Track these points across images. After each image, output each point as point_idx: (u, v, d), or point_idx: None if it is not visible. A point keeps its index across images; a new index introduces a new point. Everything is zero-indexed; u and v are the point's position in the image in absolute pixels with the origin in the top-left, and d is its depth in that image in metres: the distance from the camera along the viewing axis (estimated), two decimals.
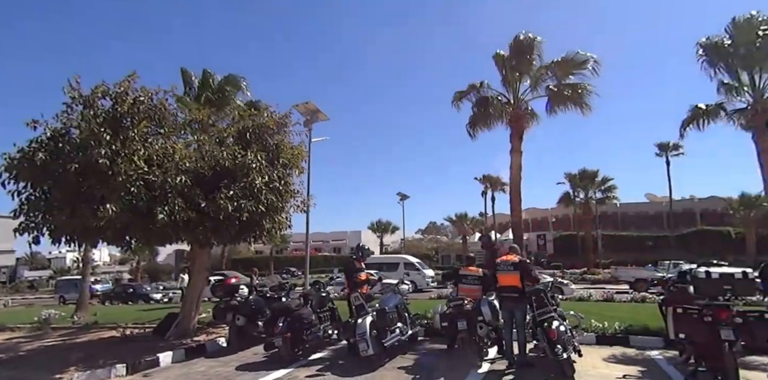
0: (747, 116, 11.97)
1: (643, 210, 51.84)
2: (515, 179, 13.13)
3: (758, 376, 5.56)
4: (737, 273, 4.68)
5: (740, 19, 11.81)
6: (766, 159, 11.21)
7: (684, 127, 13.12)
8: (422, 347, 7.61)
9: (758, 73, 11.80)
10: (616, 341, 7.57)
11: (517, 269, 6.23)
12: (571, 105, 12.82)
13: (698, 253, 33.58)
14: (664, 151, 39.90)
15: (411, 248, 49.68)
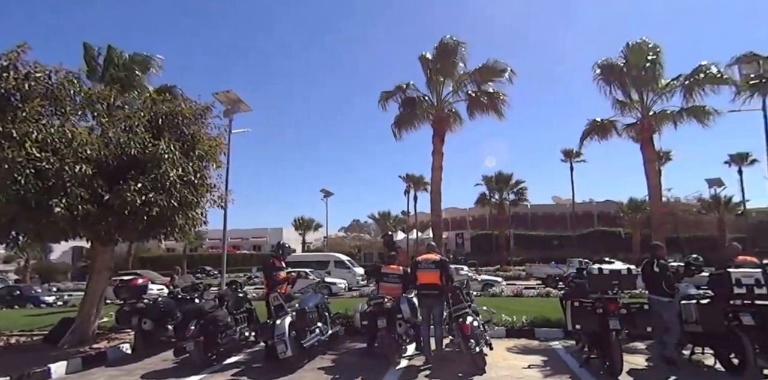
0: (636, 130, 13.58)
1: (550, 212, 56.21)
2: (436, 179, 13.58)
3: (638, 359, 6.29)
4: (623, 269, 5.26)
5: (633, 45, 13.33)
6: (650, 168, 12.86)
7: (583, 139, 14.65)
8: (343, 346, 7.60)
9: (646, 92, 13.42)
10: (523, 333, 8.15)
11: (438, 267, 6.46)
12: (487, 111, 13.49)
13: (596, 251, 37.17)
14: (569, 157, 43.75)
15: (334, 246, 49.55)
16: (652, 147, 13.09)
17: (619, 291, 5.35)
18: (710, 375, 5.57)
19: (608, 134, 14.20)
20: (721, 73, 12.65)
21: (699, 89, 12.65)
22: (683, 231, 38.98)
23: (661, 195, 13.63)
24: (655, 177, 12.92)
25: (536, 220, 55.15)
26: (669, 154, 47.10)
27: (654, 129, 13.30)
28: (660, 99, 13.57)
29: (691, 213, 40.35)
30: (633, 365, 5.96)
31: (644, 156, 13.09)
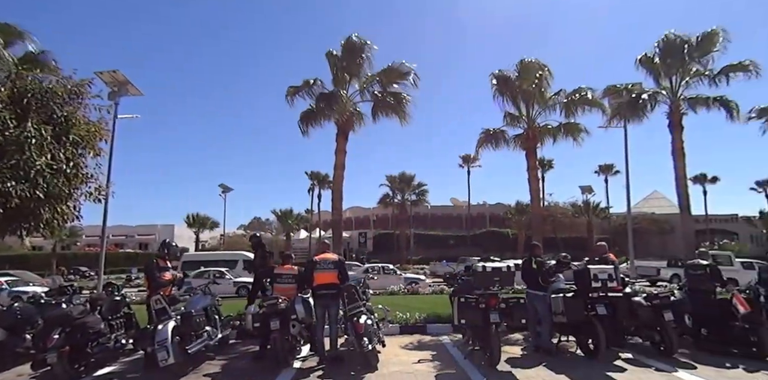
0: (522, 140, 14.95)
1: (448, 212, 59.40)
2: (338, 178, 13.58)
3: (515, 349, 6.91)
4: (504, 267, 5.75)
5: (526, 61, 14.67)
6: (532, 175, 14.25)
7: (479, 146, 15.80)
8: (234, 350, 7.28)
9: (532, 106, 14.86)
10: (416, 330, 8.50)
11: (337, 267, 6.47)
12: (392, 112, 13.82)
13: (487, 250, 40.08)
14: (466, 162, 46.83)
15: (232, 245, 47.20)
16: (534, 156, 14.55)
17: (500, 287, 5.82)
18: (573, 359, 6.30)
19: (500, 143, 15.44)
20: (594, 98, 14.55)
21: (575, 108, 14.38)
22: (560, 232, 43.67)
23: (540, 199, 15.16)
24: (536, 183, 14.36)
25: (435, 220, 57.87)
26: (551, 163, 52.61)
27: (537, 140, 14.76)
28: (544, 113, 15.05)
29: (567, 216, 45.31)
30: (510, 354, 6.53)
31: (528, 164, 14.47)
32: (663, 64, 15.81)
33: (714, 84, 15.24)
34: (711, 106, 15.33)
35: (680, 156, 15.23)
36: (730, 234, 48.62)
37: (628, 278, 8.46)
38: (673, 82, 15.89)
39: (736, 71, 15.08)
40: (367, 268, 21.83)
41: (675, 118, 15.44)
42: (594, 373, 5.48)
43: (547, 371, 5.65)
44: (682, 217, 16.17)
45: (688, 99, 15.59)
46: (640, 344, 6.88)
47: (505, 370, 5.67)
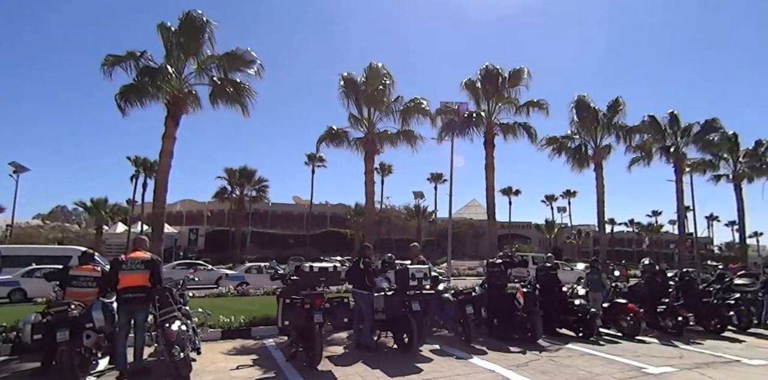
0: (362, 143, 15.60)
1: (289, 211, 58.62)
2: (164, 166, 12.16)
3: (337, 348, 7.09)
4: (330, 267, 5.86)
5: (374, 66, 15.40)
6: (368, 178, 14.98)
7: (319, 143, 15.97)
8: (6, 368, 5.93)
9: (374, 111, 15.65)
10: (241, 334, 8.05)
11: (148, 268, 5.74)
12: (232, 102, 12.93)
13: (326, 251, 40.68)
14: (311, 160, 47.00)
15: (24, 237, 38.62)
16: (372, 160, 15.34)
17: (325, 287, 5.90)
18: (390, 353, 6.72)
19: (342, 143, 15.85)
20: (427, 109, 15.96)
21: (410, 117, 15.64)
22: (394, 234, 46.88)
23: (374, 202, 16.04)
24: (372, 186, 15.12)
25: (276, 219, 56.56)
26: (391, 168, 56.22)
27: (376, 144, 15.55)
28: (385, 118, 15.90)
29: (400, 219, 48.91)
30: (333, 353, 6.67)
31: (365, 167, 15.19)
32: (483, 89, 18.27)
33: (519, 113, 18.37)
34: (517, 130, 18.30)
35: (491, 170, 17.73)
36: (526, 239, 58.61)
37: (442, 276, 9.45)
38: (489, 106, 18.43)
39: (534, 106, 18.31)
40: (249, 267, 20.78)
41: (489, 137, 17.91)
42: (405, 365, 5.93)
43: (364, 367, 5.91)
44: (489, 223, 18.83)
45: (500, 123, 18.36)
46: (446, 335, 7.75)
47: (326, 369, 5.75)
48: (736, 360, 7.02)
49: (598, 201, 20.73)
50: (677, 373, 6.03)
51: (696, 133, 23.65)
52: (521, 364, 6.15)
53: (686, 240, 24.10)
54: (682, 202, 23.76)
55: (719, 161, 26.28)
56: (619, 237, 65.38)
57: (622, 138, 21.28)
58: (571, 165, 21.33)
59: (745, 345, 8.40)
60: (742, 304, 9.81)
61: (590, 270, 10.10)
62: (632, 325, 8.53)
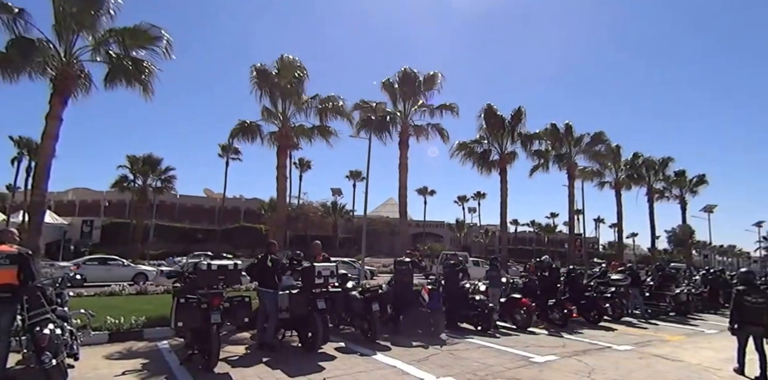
0: (275, 137, 15.15)
1: (199, 204, 55.36)
2: (46, 149, 10.68)
3: (239, 349, 6.82)
4: (230, 265, 5.59)
5: (286, 59, 14.92)
6: (281, 173, 14.57)
7: (232, 137, 15.23)
8: None
9: (289, 104, 15.20)
10: (131, 336, 7.40)
11: (16, 263, 5.04)
12: (133, 82, 11.72)
13: (238, 247, 39.02)
14: (226, 152, 44.84)
15: None
16: (286, 154, 14.91)
17: (225, 286, 5.62)
18: (294, 352, 6.59)
19: (255, 136, 15.23)
20: (344, 108, 15.94)
21: (327, 114, 15.46)
22: (311, 230, 46.28)
23: (286, 197, 15.63)
24: (284, 181, 14.70)
25: (184, 212, 53.12)
26: (310, 164, 55.47)
27: (290, 138, 15.16)
28: (300, 113, 15.50)
29: (317, 216, 48.42)
30: (233, 354, 6.39)
31: (278, 161, 14.73)
32: (401, 91, 18.69)
33: (432, 116, 19.10)
34: (430, 132, 18.99)
35: (404, 170, 18.19)
36: (439, 237, 61.03)
37: (351, 274, 9.52)
38: (405, 108, 18.90)
39: (446, 109, 19.14)
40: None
41: (404, 138, 18.38)
42: (307, 364, 5.84)
43: (265, 367, 5.73)
44: (401, 221, 19.35)
45: (414, 124, 18.92)
46: (352, 333, 7.80)
47: (222, 372, 5.48)
48: (607, 347, 7.90)
49: (502, 204, 22.19)
50: (559, 361, 6.63)
51: (586, 143, 26.22)
52: (422, 359, 6.37)
53: (576, 240, 26.68)
54: (573, 205, 26.25)
55: (605, 170, 29.40)
56: (521, 237, 70.61)
57: (524, 145, 23.00)
58: (478, 169, 22.62)
59: (617, 333, 9.49)
60: (616, 297, 11.07)
61: (490, 267, 10.75)
62: (525, 318, 9.23)
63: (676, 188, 34.11)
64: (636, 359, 7.06)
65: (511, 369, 6.01)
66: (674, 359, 7.18)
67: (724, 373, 6.37)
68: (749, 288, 6.51)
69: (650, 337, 9.23)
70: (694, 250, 54.04)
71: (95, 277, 17.37)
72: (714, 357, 7.47)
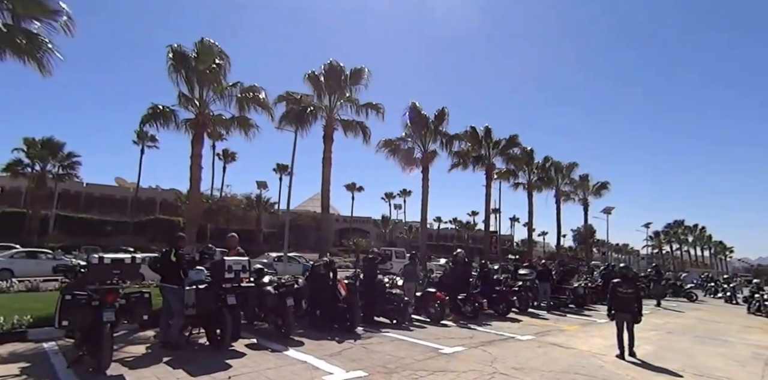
0: (191, 124, 14.29)
1: (109, 194, 51.01)
2: None
3: (139, 348, 6.36)
4: (127, 258, 5.19)
5: (206, 42, 14.03)
6: (195, 162, 13.76)
7: (143, 123, 14.09)
8: None
9: (207, 91, 14.35)
10: (15, 337, 6.67)
11: None
12: (25, 56, 10.27)
13: (153, 240, 36.51)
14: (141, 139, 41.72)
15: None
16: (201, 143, 14.01)
17: (119, 281, 5.21)
18: (199, 351, 6.28)
19: (169, 123, 14.21)
20: (265, 100, 15.31)
21: (247, 104, 14.83)
22: (234, 224, 44.46)
23: (199, 188, 14.73)
24: (198, 171, 13.83)
25: (92, 202, 48.67)
26: (234, 155, 53.34)
27: (207, 127, 14.35)
28: (220, 101, 14.70)
29: (240, 209, 46.58)
30: (131, 355, 5.96)
31: (192, 150, 13.88)
32: (326, 84, 18.46)
33: (359, 113, 19.14)
34: (355, 128, 18.97)
35: (328, 164, 18.08)
36: (365, 233, 61.44)
37: (269, 269, 9.28)
38: (331, 101, 18.70)
39: (371, 108, 19.21)
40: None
41: (328, 132, 18.25)
42: (213, 362, 5.60)
43: (165, 367, 5.40)
44: (323, 216, 19.24)
45: (340, 119, 18.87)
46: (266, 329, 7.62)
47: (116, 374, 5.07)
48: (511, 337, 8.43)
49: (423, 201, 22.87)
50: (466, 351, 6.96)
51: (503, 146, 27.77)
52: (335, 353, 6.37)
53: (492, 237, 28.18)
54: (489, 205, 27.72)
55: (519, 171, 31.34)
56: (444, 234, 73.25)
57: (445, 145, 23.83)
58: (402, 166, 23.11)
59: (522, 324, 10.17)
60: (523, 290, 11.85)
61: (408, 262, 11.02)
62: (438, 311, 9.59)
63: (580, 191, 37.26)
64: (535, 348, 7.60)
65: (420, 360, 6.20)
66: (568, 347, 7.83)
67: (608, 358, 7.07)
68: (623, 281, 7.47)
69: (550, 327, 10.00)
70: (594, 248, 59.43)
71: (24, 272, 15.79)
72: (602, 344, 8.26)
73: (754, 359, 7.95)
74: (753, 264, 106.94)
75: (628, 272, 8.10)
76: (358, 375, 5.34)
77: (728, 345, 9.38)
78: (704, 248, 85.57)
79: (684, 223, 75.17)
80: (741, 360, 7.74)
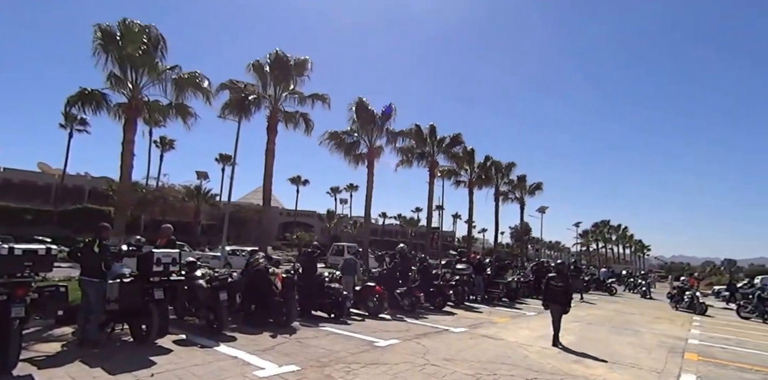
0: (123, 109, 13.34)
1: (31, 180, 46.76)
2: None
3: (54, 346, 5.86)
4: (41, 249, 4.80)
5: (130, 22, 13.07)
6: (128, 148, 12.90)
7: (69, 105, 12.98)
8: None
9: (141, 74, 13.39)
10: None
11: None
12: None
13: (80, 231, 33.89)
14: (69, 123, 38.71)
15: None
16: (134, 129, 13.07)
17: (32, 274, 4.80)
18: (123, 348, 5.93)
19: (100, 106, 13.15)
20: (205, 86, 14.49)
21: (186, 90, 14.01)
22: (171, 215, 42.34)
23: (130, 176, 13.76)
24: (129, 157, 12.87)
25: (10, 189, 44.46)
26: (173, 143, 50.72)
27: (140, 112, 13.42)
28: (156, 86, 13.78)
29: (178, 200, 44.47)
30: (43, 353, 5.51)
31: (124, 136, 13.01)
32: (272, 74, 17.84)
33: (303, 103, 18.69)
34: (298, 120, 18.56)
35: (271, 155, 17.53)
36: (309, 227, 60.76)
37: (201, 261, 8.97)
38: (276, 92, 18.11)
39: (317, 99, 18.75)
40: None
41: (272, 123, 17.64)
42: (136, 359, 5.31)
43: (81, 366, 5.05)
44: (264, 209, 18.68)
45: (284, 110, 18.36)
46: (197, 324, 7.35)
47: (24, 374, 4.68)
48: (445, 330, 8.70)
49: (367, 196, 22.95)
50: (400, 344, 7.09)
51: (446, 144, 28.39)
52: (268, 348, 6.27)
53: (433, 234, 28.81)
54: (432, 201, 28.34)
55: (460, 170, 32.21)
56: (389, 229, 73.96)
57: (390, 141, 24.03)
58: (347, 160, 23.01)
59: (456, 317, 10.51)
60: (460, 285, 12.25)
61: (349, 256, 11.04)
62: (377, 305, 9.70)
63: (518, 191, 38.98)
64: (467, 339, 7.90)
65: (354, 353, 6.25)
66: (497, 338, 8.20)
67: (534, 348, 7.49)
68: (557, 276, 8.09)
69: (483, 320, 10.42)
70: (529, 245, 62.51)
71: None
72: (529, 335, 8.73)
73: (659, 347, 8.73)
74: (667, 262, 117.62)
75: (563, 268, 8.89)
76: (291, 370, 5.29)
77: (639, 334, 10.23)
78: (626, 246, 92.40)
79: (609, 223, 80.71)
80: (648, 348, 8.48)
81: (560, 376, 5.86)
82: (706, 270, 71.97)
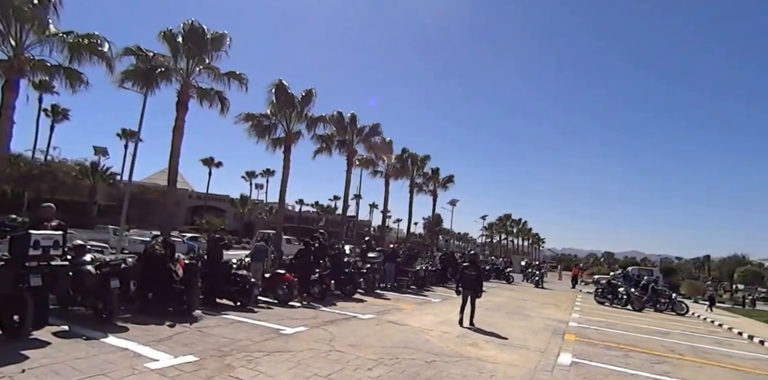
0: (5, 68, 11.60)
1: None
2: None
3: None
4: None
5: None
6: (5, 114, 11.24)
7: None
8: None
9: (26, 31, 11.77)
10: None
11: None
12: None
13: None
14: None
15: None
16: (14, 91, 11.28)
17: None
18: None
19: None
20: (104, 52, 13.03)
21: (81, 54, 12.49)
22: (61, 193, 37.96)
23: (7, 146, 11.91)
24: (8, 125, 11.11)
25: None
26: (67, 113, 45.36)
27: (23, 72, 11.72)
28: (45, 46, 12.13)
29: (71, 177, 40.03)
30: None
31: (3, 99, 11.36)
32: (185, 46, 16.55)
33: (219, 81, 17.58)
34: (212, 97, 17.42)
35: (179, 133, 16.35)
36: (221, 211, 58.01)
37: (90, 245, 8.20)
38: (189, 66, 16.83)
39: (234, 78, 17.74)
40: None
41: (183, 98, 16.43)
42: (4, 354, 4.73)
43: None
44: (169, 190, 17.39)
45: (198, 86, 17.18)
46: (84, 314, 6.73)
47: None
48: (353, 316, 8.85)
49: (283, 181, 22.53)
50: (307, 331, 7.09)
51: (366, 133, 28.64)
52: (164, 338, 5.91)
53: (349, 222, 29.04)
54: (349, 190, 28.55)
55: (378, 160, 32.75)
56: (306, 216, 73.10)
57: (309, 127, 23.68)
58: (265, 144, 22.32)
59: (365, 304, 10.73)
60: (370, 272, 12.51)
61: (258, 242, 10.76)
62: (287, 293, 9.58)
63: (431, 183, 40.53)
64: (373, 325, 8.11)
65: (258, 342, 6.13)
66: (402, 324, 8.53)
67: (435, 332, 7.91)
68: (470, 265, 9.03)
69: (390, 306, 10.76)
70: (440, 235, 65.44)
71: None
72: (432, 320, 9.18)
73: (544, 329, 9.67)
74: (558, 253, 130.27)
75: (476, 258, 9.92)
76: (188, 361, 5.04)
77: (529, 318, 11.25)
78: (525, 238, 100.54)
79: (511, 217, 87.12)
80: (535, 330, 9.36)
81: (456, 358, 6.25)
82: (590, 261, 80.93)
